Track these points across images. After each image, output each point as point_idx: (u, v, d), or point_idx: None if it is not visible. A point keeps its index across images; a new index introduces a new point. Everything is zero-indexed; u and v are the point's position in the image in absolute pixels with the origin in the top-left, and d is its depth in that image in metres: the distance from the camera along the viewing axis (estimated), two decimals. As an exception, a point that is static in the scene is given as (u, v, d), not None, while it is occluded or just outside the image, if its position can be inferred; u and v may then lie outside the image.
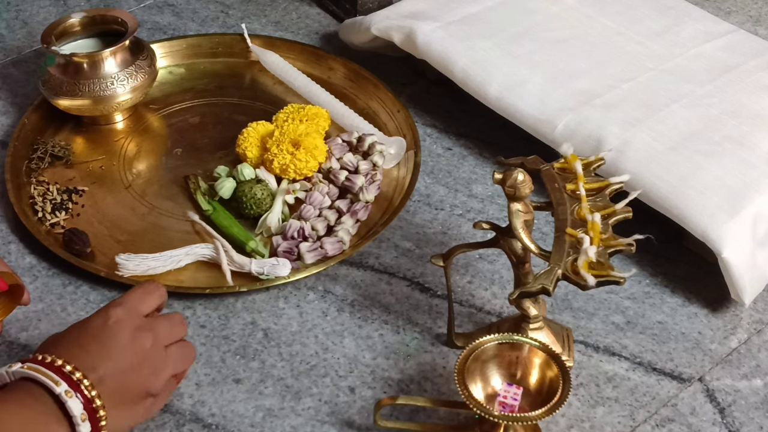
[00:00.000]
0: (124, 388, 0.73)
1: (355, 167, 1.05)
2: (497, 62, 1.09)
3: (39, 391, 0.70)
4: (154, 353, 0.75)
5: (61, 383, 0.69)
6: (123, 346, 0.74)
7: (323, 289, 0.96)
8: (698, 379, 0.89)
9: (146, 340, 0.75)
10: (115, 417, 0.72)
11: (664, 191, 0.95)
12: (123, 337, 0.74)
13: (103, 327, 0.74)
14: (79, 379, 0.70)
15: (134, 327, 0.75)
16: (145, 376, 0.75)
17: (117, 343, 0.74)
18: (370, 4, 1.28)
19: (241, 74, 1.23)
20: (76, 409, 0.69)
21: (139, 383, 0.74)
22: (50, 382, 0.69)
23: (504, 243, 0.84)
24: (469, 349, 0.79)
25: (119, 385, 0.73)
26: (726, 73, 1.08)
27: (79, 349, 0.73)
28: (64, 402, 0.69)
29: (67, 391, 0.69)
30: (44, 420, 0.69)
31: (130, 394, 0.74)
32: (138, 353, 0.74)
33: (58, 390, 0.69)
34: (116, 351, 0.73)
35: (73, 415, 0.69)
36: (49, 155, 1.07)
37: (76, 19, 1.13)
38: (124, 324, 0.75)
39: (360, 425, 0.84)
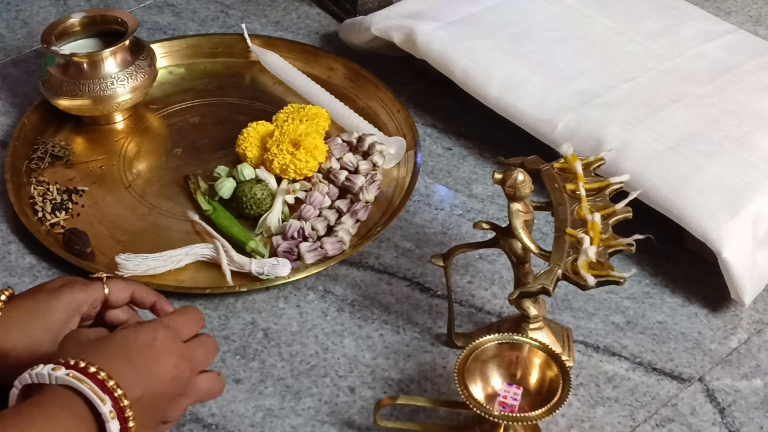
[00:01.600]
0: (151, 412, 0.70)
1: (355, 167, 1.05)
2: (497, 62, 1.09)
3: (75, 401, 0.66)
4: (188, 384, 0.73)
5: (107, 401, 0.66)
6: (165, 372, 0.71)
7: (323, 289, 0.96)
8: (698, 379, 0.89)
9: (185, 371, 0.73)
10: None
11: (664, 191, 0.95)
12: (167, 363, 0.71)
13: (150, 346, 0.71)
14: (120, 397, 0.67)
15: (178, 354, 0.72)
16: (173, 405, 0.72)
17: (161, 368, 0.70)
18: (370, 4, 1.28)
19: (241, 74, 1.23)
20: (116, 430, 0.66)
21: (164, 410, 0.72)
22: (97, 399, 0.65)
23: (504, 243, 0.84)
24: (469, 349, 0.79)
25: (149, 409, 0.70)
26: (726, 73, 1.08)
27: (123, 361, 0.69)
28: (106, 422, 0.65)
29: (111, 411, 0.66)
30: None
31: (153, 419, 0.71)
32: (175, 381, 0.72)
33: (104, 410, 0.65)
34: (159, 375, 0.70)
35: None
36: (49, 155, 1.07)
37: (76, 19, 1.13)
38: (171, 349, 0.72)
39: (360, 425, 0.84)
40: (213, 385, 0.77)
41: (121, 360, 0.69)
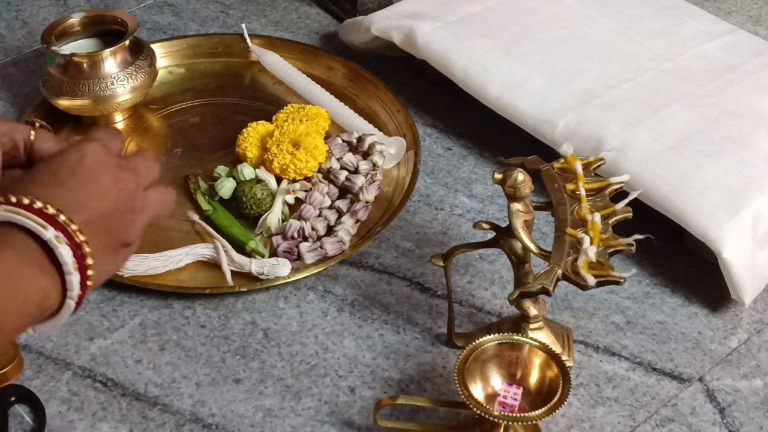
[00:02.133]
0: (107, 234, 0.63)
1: (355, 167, 1.05)
2: (497, 62, 1.09)
3: (20, 238, 0.58)
4: (136, 196, 0.66)
5: (48, 227, 0.58)
6: (107, 186, 0.63)
7: (323, 289, 0.96)
8: (698, 379, 0.89)
9: (130, 182, 0.65)
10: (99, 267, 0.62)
11: (664, 191, 0.95)
12: (106, 177, 0.64)
13: (81, 164, 0.63)
14: (66, 223, 0.59)
15: (116, 165, 0.65)
16: (128, 222, 0.65)
17: (100, 183, 0.63)
18: (370, 4, 1.28)
19: (241, 74, 1.23)
20: (68, 256, 0.59)
21: (121, 229, 0.64)
22: (37, 226, 0.58)
23: (504, 243, 0.84)
24: (469, 349, 0.79)
25: (104, 230, 0.62)
26: (726, 73, 1.08)
27: (57, 187, 0.61)
28: (54, 248, 0.58)
29: (57, 236, 0.58)
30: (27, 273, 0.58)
31: (112, 241, 0.64)
32: (122, 194, 0.64)
33: (48, 235, 0.58)
34: (100, 191, 0.63)
35: (65, 263, 0.59)
36: (49, 155, 1.07)
37: (76, 19, 1.13)
38: (105, 162, 0.64)
39: (360, 425, 0.84)
40: (164, 196, 0.70)
41: (53, 186, 0.62)
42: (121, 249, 0.66)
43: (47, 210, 0.59)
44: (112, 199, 0.63)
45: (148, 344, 0.90)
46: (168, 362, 0.88)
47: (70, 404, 0.85)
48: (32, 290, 0.58)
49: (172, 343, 0.90)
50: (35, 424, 0.83)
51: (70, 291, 0.60)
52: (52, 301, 0.60)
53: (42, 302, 0.59)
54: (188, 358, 0.89)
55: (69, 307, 0.60)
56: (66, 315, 0.61)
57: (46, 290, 0.59)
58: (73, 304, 0.60)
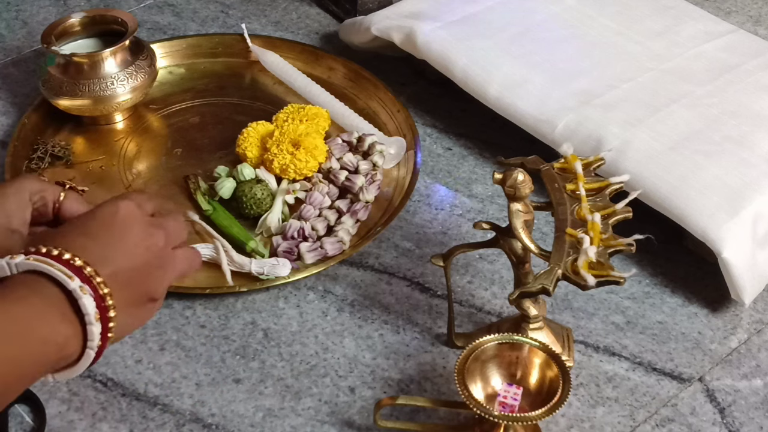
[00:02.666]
0: (132, 288, 0.65)
1: (355, 167, 1.05)
2: (497, 62, 1.09)
3: (46, 286, 0.61)
4: (164, 253, 0.68)
5: (74, 278, 0.60)
6: (136, 242, 0.66)
7: (323, 289, 0.96)
8: (698, 379, 0.89)
9: (159, 238, 0.67)
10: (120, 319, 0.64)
11: (664, 191, 0.95)
12: (136, 232, 0.66)
13: (113, 218, 0.66)
14: (92, 275, 0.61)
15: (146, 223, 0.67)
16: (154, 278, 0.67)
17: (130, 238, 0.65)
18: (370, 4, 1.28)
19: (241, 74, 1.23)
20: (91, 306, 0.61)
21: (148, 284, 0.67)
22: (63, 276, 0.60)
23: (504, 243, 0.84)
24: (469, 349, 0.79)
25: (128, 284, 0.64)
26: (726, 73, 1.08)
27: (87, 239, 0.64)
28: (78, 298, 0.60)
29: (82, 287, 0.60)
30: (50, 319, 0.60)
31: (136, 296, 0.66)
32: (150, 251, 0.66)
33: (72, 285, 0.60)
34: (130, 246, 0.65)
35: (87, 314, 0.61)
36: (49, 155, 1.07)
37: (76, 19, 1.13)
38: (137, 218, 0.67)
39: (360, 425, 0.84)
40: (191, 255, 0.72)
41: (84, 238, 0.64)
42: (147, 304, 0.68)
43: (74, 261, 0.61)
44: (141, 255, 0.66)
45: (148, 344, 0.90)
46: (168, 362, 0.88)
47: (70, 404, 0.85)
48: (53, 336, 0.60)
49: (172, 343, 0.90)
50: (35, 424, 0.83)
51: (90, 341, 0.61)
52: (72, 349, 0.62)
53: (62, 349, 0.61)
54: (188, 358, 0.89)
55: (88, 357, 0.62)
56: (85, 365, 0.63)
57: (67, 338, 0.61)
58: (92, 354, 0.62)
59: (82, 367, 0.63)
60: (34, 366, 0.60)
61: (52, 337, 0.60)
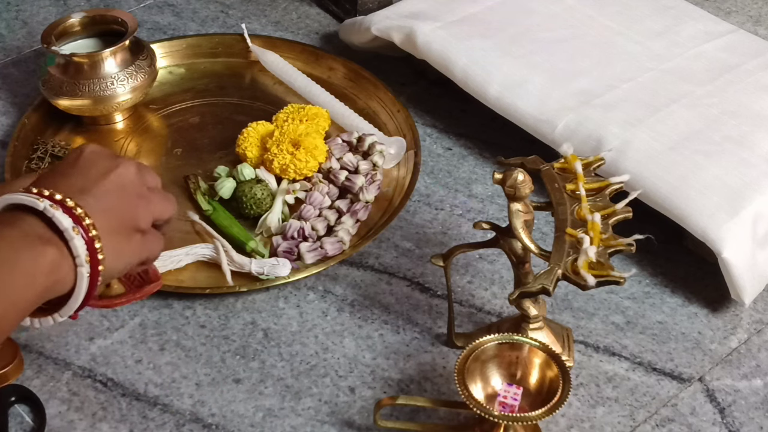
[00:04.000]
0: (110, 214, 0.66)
1: (355, 167, 1.05)
2: (497, 62, 1.09)
3: (20, 215, 0.62)
4: (138, 183, 0.69)
5: (42, 199, 0.62)
6: (106, 170, 0.68)
7: (323, 289, 0.96)
8: (698, 379, 0.89)
9: (130, 167, 0.69)
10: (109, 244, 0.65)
11: (664, 191, 0.95)
12: (105, 163, 0.68)
13: (80, 157, 0.68)
14: (62, 200, 0.63)
15: (112, 156, 0.69)
16: (133, 205, 0.68)
17: (100, 169, 0.67)
18: (370, 4, 1.28)
19: (241, 74, 1.23)
20: (66, 221, 0.62)
21: (127, 211, 0.68)
22: (31, 199, 0.62)
23: (504, 243, 0.84)
24: (469, 349, 0.79)
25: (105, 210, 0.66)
26: (726, 73, 1.08)
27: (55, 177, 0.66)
28: (51, 216, 0.61)
29: (52, 204, 0.62)
30: (29, 244, 0.61)
31: (118, 222, 0.67)
32: (122, 178, 0.68)
33: (42, 205, 0.61)
34: (100, 175, 0.67)
35: (65, 228, 0.62)
36: (49, 155, 1.07)
37: (76, 19, 1.13)
38: (104, 153, 0.69)
39: (360, 425, 0.84)
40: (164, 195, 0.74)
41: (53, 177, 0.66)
42: (133, 234, 0.68)
43: (42, 192, 0.63)
44: (113, 180, 0.67)
45: (148, 344, 0.90)
46: (168, 362, 0.88)
47: (70, 404, 0.85)
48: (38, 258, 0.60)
49: (172, 343, 0.90)
50: (35, 424, 0.83)
51: (77, 257, 0.62)
52: (63, 271, 0.62)
53: (52, 272, 0.61)
54: (188, 358, 0.89)
55: (82, 276, 0.62)
56: (82, 286, 0.63)
57: (54, 259, 0.61)
58: (85, 273, 0.62)
59: (81, 290, 0.63)
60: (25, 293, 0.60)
61: (37, 259, 0.60)
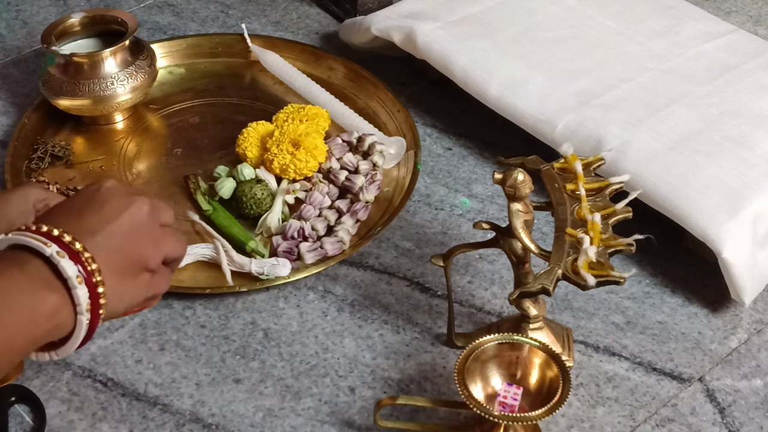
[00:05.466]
0: (120, 256, 0.66)
1: (355, 167, 1.05)
2: (497, 62, 1.09)
3: (26, 257, 0.62)
4: (151, 223, 0.69)
5: (51, 244, 0.61)
6: (119, 209, 0.67)
7: (323, 289, 0.96)
8: (698, 379, 0.89)
9: (143, 206, 0.68)
10: (113, 287, 0.65)
11: (664, 191, 0.95)
12: (119, 202, 0.67)
13: (96, 193, 0.68)
14: (70, 242, 0.62)
15: (129, 193, 0.69)
16: (143, 246, 0.68)
17: (113, 207, 0.67)
18: (370, 4, 1.28)
19: (241, 74, 1.23)
20: (71, 269, 0.61)
21: (137, 252, 0.67)
22: (38, 243, 0.61)
23: (504, 243, 0.84)
24: (469, 349, 0.79)
25: (115, 253, 0.65)
26: (726, 73, 1.08)
27: (69, 215, 0.65)
28: (57, 263, 0.61)
29: (59, 251, 0.61)
30: (33, 289, 0.61)
31: (127, 263, 0.66)
32: (135, 217, 0.67)
33: (49, 251, 0.61)
34: (112, 214, 0.66)
35: (68, 277, 0.61)
36: (49, 155, 1.07)
37: (76, 19, 1.13)
38: (120, 190, 0.68)
39: (360, 425, 0.84)
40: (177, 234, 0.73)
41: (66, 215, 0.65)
42: (141, 274, 0.68)
43: (52, 232, 0.63)
44: (125, 221, 0.67)
45: (148, 344, 0.90)
46: (168, 362, 0.88)
47: (70, 404, 0.85)
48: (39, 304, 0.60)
49: (172, 343, 0.90)
50: (35, 424, 0.83)
51: (78, 306, 0.61)
52: (63, 317, 0.62)
53: (52, 318, 0.61)
54: (188, 358, 0.89)
55: (81, 324, 0.62)
56: (80, 333, 0.63)
57: (55, 306, 0.61)
58: (84, 321, 0.62)
59: (78, 337, 0.63)
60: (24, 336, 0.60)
61: (39, 304, 0.60)
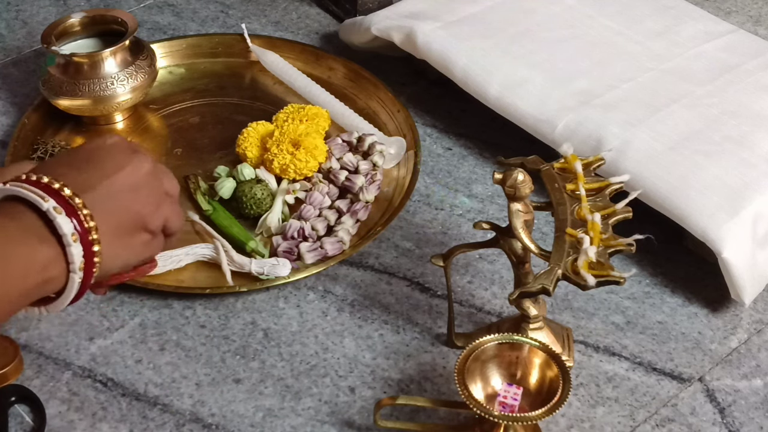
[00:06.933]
0: (119, 213, 0.65)
1: (355, 167, 1.05)
2: (497, 62, 1.09)
3: (22, 209, 0.61)
4: (153, 183, 0.68)
5: (48, 199, 0.61)
6: (121, 164, 0.66)
7: (323, 289, 0.96)
8: (698, 379, 0.89)
9: (145, 164, 0.67)
10: (109, 246, 0.64)
11: (664, 191, 0.95)
12: (122, 158, 0.66)
13: (98, 148, 0.67)
14: (70, 197, 0.61)
15: (133, 150, 0.68)
16: (143, 204, 0.67)
17: (114, 163, 0.66)
18: (370, 4, 1.28)
19: (241, 74, 1.23)
20: (67, 226, 0.60)
21: (136, 211, 0.66)
22: (36, 197, 0.60)
23: (504, 243, 0.84)
24: (469, 349, 0.79)
25: (115, 209, 0.64)
26: (726, 73, 1.08)
27: (69, 168, 0.64)
28: (53, 219, 0.60)
29: (56, 207, 0.60)
30: (27, 241, 0.60)
31: (125, 222, 0.65)
32: (136, 174, 0.66)
33: (46, 206, 0.60)
34: (113, 170, 0.65)
35: (63, 234, 0.60)
36: (49, 155, 1.07)
37: (76, 19, 1.13)
38: (123, 147, 0.67)
39: (360, 425, 0.84)
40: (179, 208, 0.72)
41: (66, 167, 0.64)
42: (140, 234, 0.67)
43: (52, 185, 0.61)
44: (126, 177, 0.65)
45: (148, 344, 0.90)
46: (168, 362, 0.88)
47: (70, 404, 0.85)
48: (33, 256, 0.59)
49: (172, 343, 0.90)
50: (35, 424, 0.83)
51: (72, 264, 0.60)
52: (55, 272, 0.61)
53: (44, 271, 0.60)
54: (188, 358, 0.89)
55: (74, 282, 0.61)
56: (71, 292, 0.61)
57: (48, 260, 0.60)
58: (77, 279, 0.61)
59: (69, 295, 0.62)
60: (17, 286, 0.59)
61: (32, 256, 0.60)
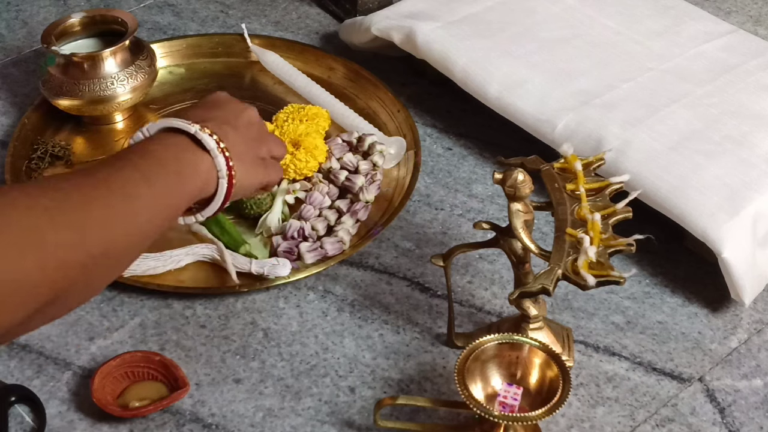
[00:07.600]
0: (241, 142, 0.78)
1: (355, 167, 1.05)
2: (497, 62, 1.09)
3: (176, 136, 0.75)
4: (260, 124, 0.83)
5: (193, 124, 0.75)
6: (239, 109, 0.82)
7: (323, 289, 0.96)
8: (698, 379, 0.89)
9: (254, 111, 0.83)
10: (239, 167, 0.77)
11: (664, 191, 0.95)
12: (237, 105, 0.82)
13: (214, 99, 0.83)
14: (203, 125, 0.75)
15: (240, 101, 0.83)
16: (257, 139, 0.81)
17: (233, 107, 0.82)
18: (370, 4, 1.28)
19: (241, 74, 1.23)
20: (211, 142, 0.75)
21: (253, 143, 0.80)
22: (184, 124, 0.74)
23: (504, 243, 0.84)
24: (469, 349, 0.79)
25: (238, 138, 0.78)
26: (726, 73, 1.08)
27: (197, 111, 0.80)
28: (201, 138, 0.74)
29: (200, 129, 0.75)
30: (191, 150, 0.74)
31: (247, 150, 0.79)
32: (251, 116, 0.82)
33: (194, 129, 0.74)
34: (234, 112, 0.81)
35: (211, 148, 0.74)
36: (49, 155, 1.07)
37: (76, 19, 1.13)
38: (232, 98, 0.84)
39: (360, 425, 0.84)
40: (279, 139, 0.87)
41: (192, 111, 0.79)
42: (259, 161, 0.81)
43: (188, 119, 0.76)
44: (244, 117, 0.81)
45: (148, 344, 0.90)
46: (168, 362, 0.88)
47: (70, 404, 0.85)
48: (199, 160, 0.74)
49: (172, 343, 0.90)
50: (35, 424, 0.83)
51: (220, 171, 0.75)
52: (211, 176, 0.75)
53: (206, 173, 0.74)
54: (188, 358, 0.89)
55: (222, 186, 0.75)
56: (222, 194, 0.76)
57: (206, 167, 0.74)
58: (224, 184, 0.75)
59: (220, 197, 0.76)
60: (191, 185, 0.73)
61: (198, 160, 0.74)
